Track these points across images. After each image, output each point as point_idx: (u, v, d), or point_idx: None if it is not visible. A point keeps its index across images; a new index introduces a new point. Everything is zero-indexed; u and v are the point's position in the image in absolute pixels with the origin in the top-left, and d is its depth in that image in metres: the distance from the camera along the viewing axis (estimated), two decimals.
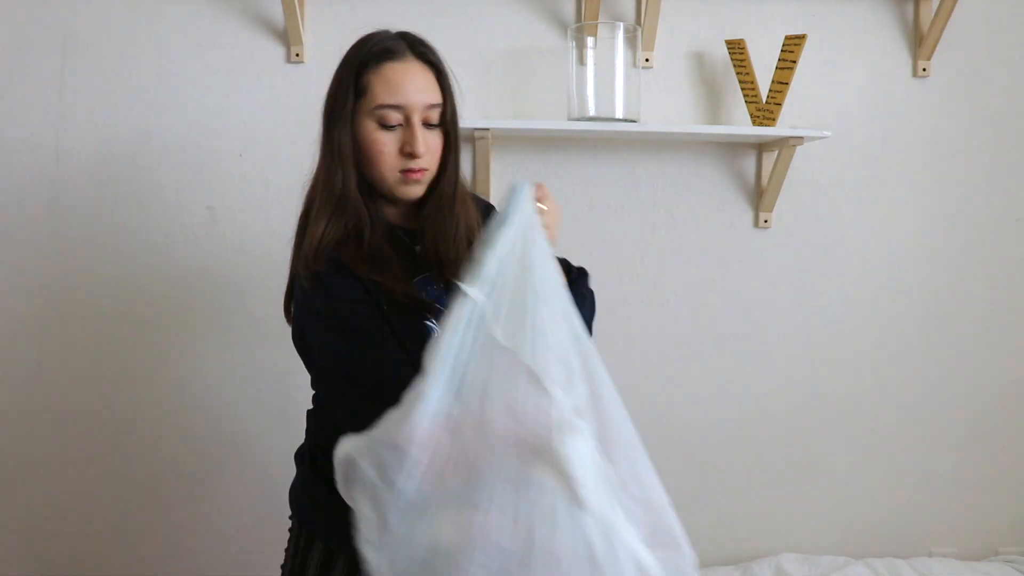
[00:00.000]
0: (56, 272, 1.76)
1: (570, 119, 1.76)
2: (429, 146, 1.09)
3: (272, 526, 1.81)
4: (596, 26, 1.75)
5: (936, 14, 1.83)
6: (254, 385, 1.79)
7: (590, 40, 1.76)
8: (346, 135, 1.09)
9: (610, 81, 1.73)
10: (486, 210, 1.22)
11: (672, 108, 1.86)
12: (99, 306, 1.77)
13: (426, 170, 1.10)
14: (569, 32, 1.77)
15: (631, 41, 1.76)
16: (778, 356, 1.92)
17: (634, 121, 1.74)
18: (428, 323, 1.07)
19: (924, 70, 1.89)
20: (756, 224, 1.89)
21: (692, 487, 1.90)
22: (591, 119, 1.73)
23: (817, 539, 1.93)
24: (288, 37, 1.76)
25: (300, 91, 1.78)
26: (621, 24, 1.74)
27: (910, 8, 1.89)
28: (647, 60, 1.83)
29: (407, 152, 1.08)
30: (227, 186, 1.78)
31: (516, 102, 1.82)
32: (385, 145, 1.08)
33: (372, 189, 1.12)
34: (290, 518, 1.21)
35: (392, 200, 1.12)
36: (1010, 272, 1.95)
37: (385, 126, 1.08)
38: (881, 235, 1.92)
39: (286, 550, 1.20)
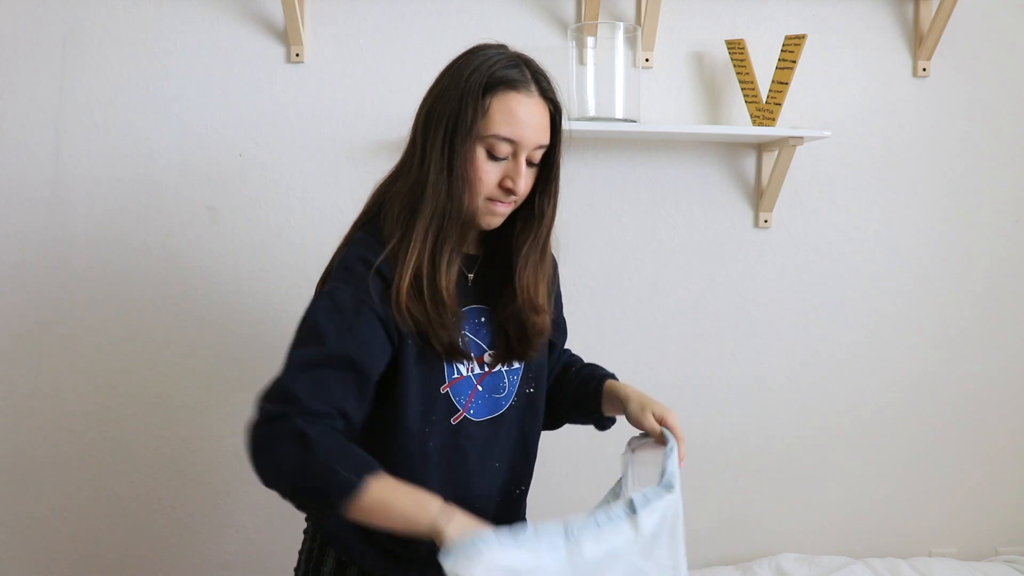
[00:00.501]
0: (56, 272, 1.76)
1: (570, 119, 1.74)
2: (526, 183, 1.07)
3: (279, 528, 1.81)
4: (596, 26, 1.75)
5: (936, 14, 1.83)
6: (254, 385, 1.78)
7: (590, 40, 1.76)
8: (471, 152, 1.03)
9: (610, 81, 1.73)
10: (554, 266, 1.22)
11: (672, 108, 1.86)
12: (99, 306, 1.77)
13: (512, 205, 1.08)
14: (569, 32, 1.77)
15: (631, 41, 1.76)
16: (778, 356, 1.92)
17: (634, 121, 1.74)
18: (454, 366, 1.07)
19: (924, 70, 1.89)
20: (756, 224, 1.89)
21: (692, 487, 1.88)
22: (591, 119, 1.73)
23: (817, 539, 1.93)
24: (288, 37, 1.76)
25: (300, 91, 1.78)
26: (621, 24, 1.74)
27: (910, 8, 1.89)
28: (647, 60, 1.83)
29: (506, 187, 1.05)
30: (227, 186, 1.78)
31: None
32: (487, 175, 1.04)
33: None
34: (306, 520, 1.20)
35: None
36: (1010, 272, 1.95)
37: (493, 156, 1.04)
38: (881, 235, 1.92)
39: (300, 552, 1.19)
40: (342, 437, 0.95)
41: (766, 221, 1.88)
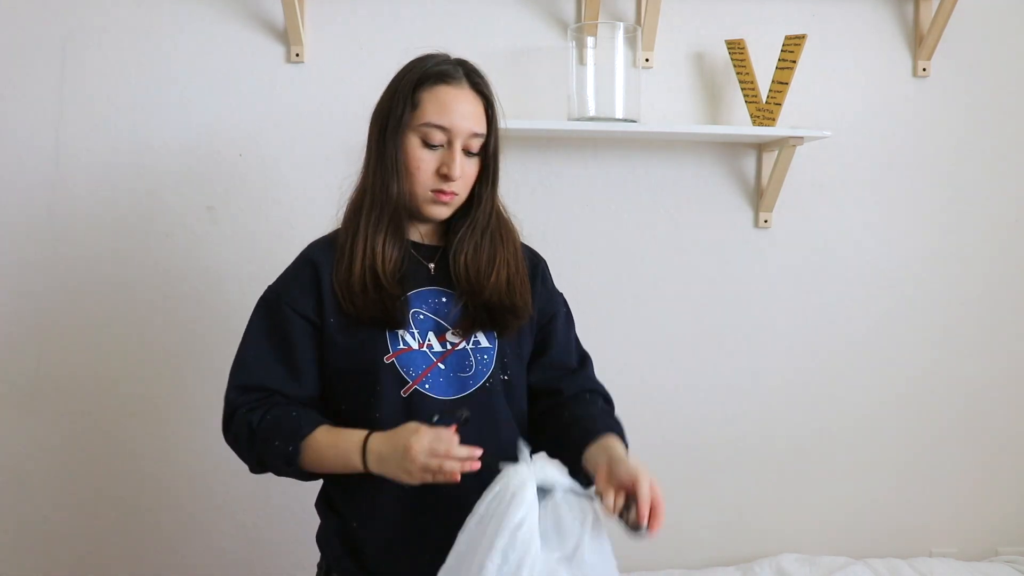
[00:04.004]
0: (56, 272, 1.76)
1: (570, 119, 1.76)
2: (464, 172, 1.13)
3: (280, 528, 1.81)
4: (596, 26, 1.75)
5: (936, 14, 1.83)
6: None
7: (590, 40, 1.76)
8: (398, 145, 1.12)
9: (610, 81, 1.73)
10: (532, 261, 1.25)
11: (672, 108, 1.86)
12: (99, 306, 1.77)
13: (456, 195, 1.13)
14: (569, 32, 1.77)
15: (631, 41, 1.76)
16: (778, 356, 1.92)
17: (634, 121, 1.74)
18: (399, 336, 1.11)
19: (924, 70, 1.89)
20: (756, 224, 1.89)
21: (692, 487, 1.90)
22: (591, 119, 1.73)
23: (817, 539, 1.93)
24: (288, 37, 1.76)
25: (300, 91, 1.78)
26: (621, 24, 1.75)
27: (910, 8, 1.89)
28: (647, 60, 1.83)
29: (443, 174, 1.11)
30: (227, 186, 1.78)
31: (516, 102, 1.82)
32: (423, 163, 1.11)
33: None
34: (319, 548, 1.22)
35: (415, 216, 1.16)
36: (1010, 271, 1.95)
37: (428, 144, 1.12)
38: (881, 235, 1.92)
39: None
40: (280, 409, 1.10)
41: (766, 221, 1.88)
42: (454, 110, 1.11)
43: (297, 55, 1.77)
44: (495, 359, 1.15)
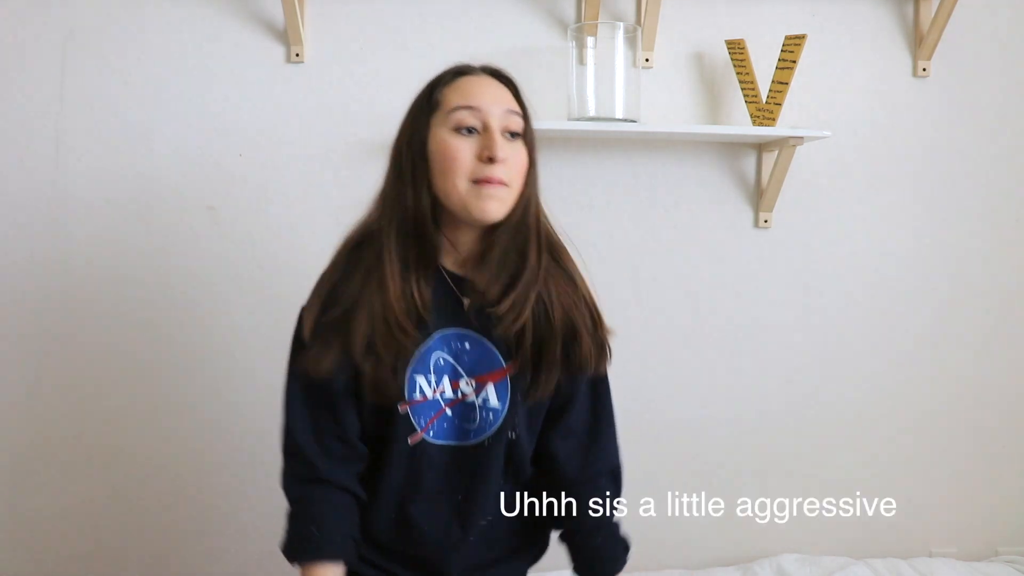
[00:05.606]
0: (56, 272, 1.76)
1: (570, 119, 1.76)
2: (510, 156, 0.99)
3: (280, 528, 1.81)
4: (596, 26, 1.75)
5: (936, 14, 1.83)
6: (255, 386, 1.79)
7: (590, 40, 1.76)
8: (424, 145, 0.99)
9: (610, 81, 1.73)
10: (570, 281, 1.11)
11: (672, 108, 1.86)
12: (99, 306, 1.77)
13: (505, 184, 0.98)
14: (569, 32, 1.77)
15: (631, 41, 1.76)
16: (778, 356, 1.91)
17: (634, 121, 1.74)
18: (416, 384, 1.05)
19: (924, 70, 1.89)
20: (756, 224, 1.89)
21: (692, 487, 1.89)
22: (591, 119, 1.73)
23: (817, 539, 1.92)
24: (288, 37, 1.76)
25: (300, 91, 1.78)
26: (621, 24, 1.74)
27: (910, 8, 1.89)
28: (647, 60, 1.83)
29: (485, 157, 0.97)
30: (227, 186, 1.78)
31: None
32: (460, 151, 0.97)
33: (436, 219, 1.02)
34: None
35: (462, 222, 1.01)
36: (1010, 272, 1.95)
37: (461, 130, 0.99)
38: (881, 235, 1.92)
39: None
40: (314, 508, 1.08)
41: (766, 221, 1.88)
42: (481, 90, 1.01)
43: (297, 55, 1.77)
44: (501, 420, 1.08)
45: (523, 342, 1.03)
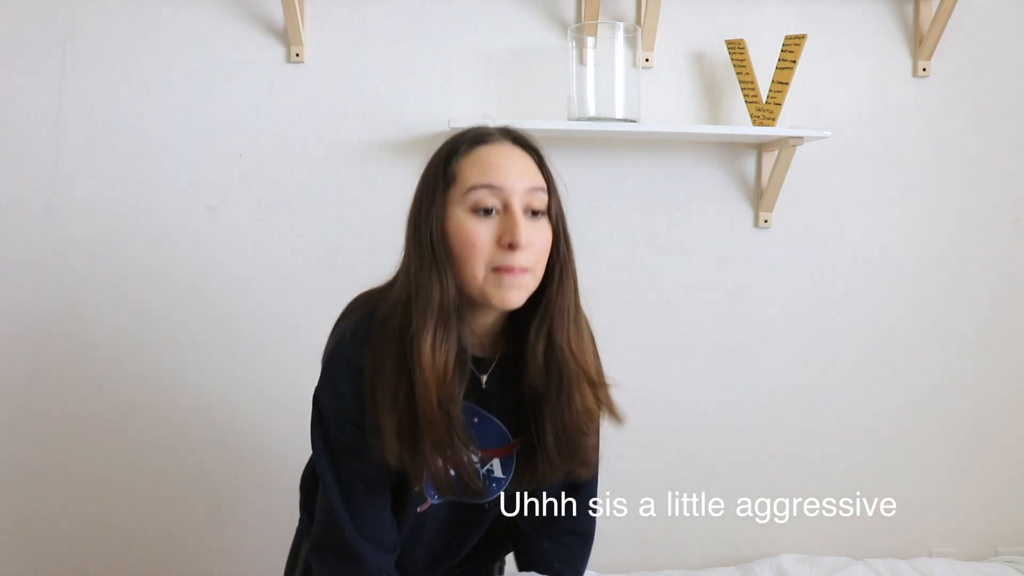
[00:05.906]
0: (56, 272, 1.76)
1: (570, 119, 1.76)
2: (533, 240, 0.91)
3: (280, 528, 1.81)
4: (596, 26, 1.75)
5: (936, 14, 1.83)
6: (254, 386, 1.79)
7: (590, 40, 1.76)
8: (441, 227, 0.91)
9: (610, 81, 1.73)
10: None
11: (672, 108, 1.86)
12: (99, 306, 1.77)
13: (527, 271, 0.91)
14: (569, 32, 1.77)
15: (631, 41, 1.76)
16: (778, 356, 1.91)
17: (634, 121, 1.74)
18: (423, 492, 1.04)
19: (924, 70, 1.89)
20: (756, 224, 1.89)
21: (692, 487, 1.89)
22: (591, 119, 1.73)
23: (817, 539, 1.92)
24: (288, 37, 1.76)
25: (300, 91, 1.78)
26: (621, 24, 1.74)
27: (910, 8, 1.89)
28: (647, 60, 1.83)
29: (506, 243, 0.89)
30: (227, 186, 1.78)
31: (516, 102, 1.82)
32: (478, 236, 0.90)
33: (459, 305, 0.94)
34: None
35: (480, 308, 0.95)
36: (1010, 272, 1.95)
37: (479, 211, 0.91)
38: (881, 235, 1.92)
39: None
40: None
41: (766, 221, 1.88)
42: (501, 165, 0.92)
43: (297, 55, 1.77)
44: (504, 487, 1.09)
45: (527, 422, 1.01)
